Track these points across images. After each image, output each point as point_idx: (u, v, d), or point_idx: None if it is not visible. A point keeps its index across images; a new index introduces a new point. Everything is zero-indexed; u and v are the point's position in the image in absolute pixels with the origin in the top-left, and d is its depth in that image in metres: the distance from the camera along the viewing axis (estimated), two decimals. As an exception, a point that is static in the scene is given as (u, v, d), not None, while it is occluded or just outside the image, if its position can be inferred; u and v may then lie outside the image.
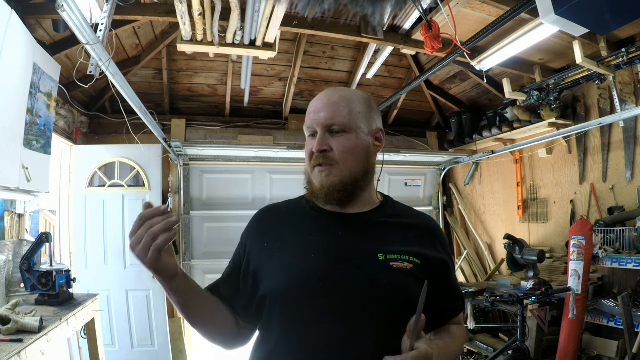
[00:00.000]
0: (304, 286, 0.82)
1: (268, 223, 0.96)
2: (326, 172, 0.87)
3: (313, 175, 0.90)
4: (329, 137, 0.88)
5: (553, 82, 2.94)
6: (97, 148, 3.41)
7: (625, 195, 2.78)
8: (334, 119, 0.88)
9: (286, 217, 0.96)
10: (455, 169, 4.53)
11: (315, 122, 0.89)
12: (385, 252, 0.84)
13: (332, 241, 0.87)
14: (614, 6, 1.52)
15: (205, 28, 2.29)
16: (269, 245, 0.91)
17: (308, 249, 0.86)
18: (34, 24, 2.35)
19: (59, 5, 1.37)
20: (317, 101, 0.93)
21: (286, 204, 1.01)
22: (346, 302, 0.80)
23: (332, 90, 0.95)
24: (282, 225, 0.94)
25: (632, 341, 2.21)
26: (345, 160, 0.88)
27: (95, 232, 3.28)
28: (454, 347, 0.92)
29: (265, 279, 0.86)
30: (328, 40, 3.41)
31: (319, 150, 0.87)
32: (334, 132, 0.88)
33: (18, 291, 2.13)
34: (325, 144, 0.87)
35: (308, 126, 0.92)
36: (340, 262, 0.83)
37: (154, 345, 3.35)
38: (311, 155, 0.90)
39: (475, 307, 3.28)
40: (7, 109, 1.95)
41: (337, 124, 0.88)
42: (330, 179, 0.87)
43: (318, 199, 0.89)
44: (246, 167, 3.69)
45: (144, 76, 3.60)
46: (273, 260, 0.87)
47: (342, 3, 1.93)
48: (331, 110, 0.89)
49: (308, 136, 0.93)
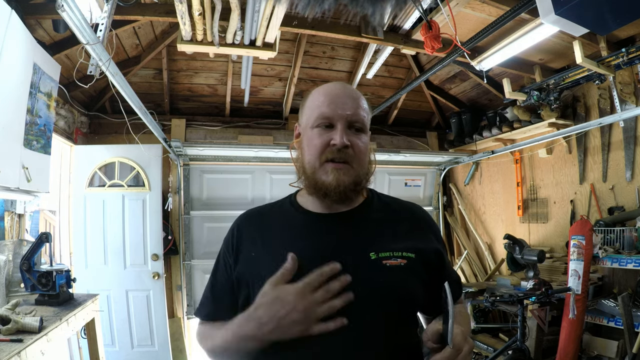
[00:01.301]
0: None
1: (254, 230, 0.91)
2: (344, 170, 0.82)
3: (322, 170, 0.83)
4: (349, 133, 0.83)
5: (553, 82, 2.94)
6: (97, 148, 3.41)
7: (625, 195, 2.78)
8: (358, 115, 0.84)
9: (272, 222, 0.91)
10: (455, 169, 4.53)
11: (338, 115, 0.83)
12: (377, 251, 0.81)
13: (323, 245, 0.83)
14: (614, 6, 1.52)
15: (205, 28, 2.29)
16: (257, 253, 0.86)
17: (297, 255, 0.80)
18: (34, 24, 2.35)
19: (59, 5, 1.37)
20: (335, 92, 0.86)
21: (269, 208, 0.96)
22: (343, 308, 0.75)
23: (343, 84, 0.90)
24: (268, 231, 0.89)
25: (632, 341, 2.21)
26: (360, 160, 0.85)
27: (95, 232, 3.28)
28: (465, 323, 0.93)
29: (256, 289, 0.80)
30: (328, 40, 3.41)
31: (344, 145, 0.81)
32: (355, 128, 0.84)
33: (18, 291, 2.13)
34: (347, 139, 0.82)
35: (326, 116, 0.84)
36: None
37: (154, 345, 3.36)
38: (324, 148, 0.83)
39: (475, 307, 3.28)
40: (7, 109, 1.95)
41: (359, 122, 0.85)
42: (347, 177, 0.82)
43: (327, 196, 0.83)
44: (246, 167, 3.69)
45: (144, 76, 3.60)
46: (263, 268, 0.82)
47: (342, 3, 1.93)
48: (355, 105, 0.85)
49: (317, 127, 0.85)
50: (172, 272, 3.72)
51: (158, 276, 3.35)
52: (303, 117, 0.91)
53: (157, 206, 3.40)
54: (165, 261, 3.47)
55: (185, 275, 3.59)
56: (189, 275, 3.60)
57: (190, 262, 3.60)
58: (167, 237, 3.59)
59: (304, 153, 0.88)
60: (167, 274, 3.58)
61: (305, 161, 0.87)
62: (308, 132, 0.87)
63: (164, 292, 3.39)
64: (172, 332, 3.51)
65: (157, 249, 3.36)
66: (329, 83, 0.91)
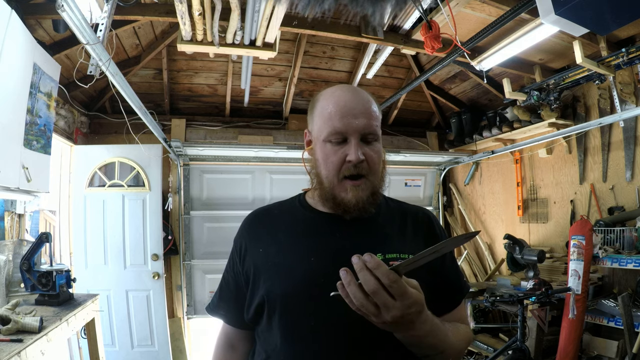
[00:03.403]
0: (305, 292, 0.80)
1: (261, 228, 0.92)
2: (362, 187, 0.81)
3: (341, 187, 0.82)
4: (363, 145, 0.81)
5: (553, 82, 2.94)
6: (97, 148, 3.41)
7: (625, 195, 2.78)
8: (371, 127, 0.82)
9: (280, 221, 0.92)
10: (455, 169, 4.53)
11: (351, 129, 0.80)
12: (384, 252, 0.81)
13: (330, 244, 0.84)
14: (614, 6, 1.52)
15: (205, 28, 2.29)
16: (265, 250, 0.87)
17: (307, 253, 0.82)
18: (34, 24, 2.35)
19: (59, 5, 1.37)
20: (346, 102, 0.82)
21: (278, 207, 0.96)
22: (349, 307, 0.75)
23: (354, 90, 0.86)
24: (276, 229, 0.90)
25: (632, 341, 2.21)
26: (376, 171, 0.84)
27: (95, 232, 3.28)
28: (456, 336, 0.81)
29: (264, 286, 0.82)
30: (328, 40, 3.41)
31: (360, 161, 0.80)
32: (367, 141, 0.82)
33: (18, 291, 2.13)
34: (362, 152, 0.80)
35: (339, 131, 0.81)
36: (340, 266, 0.79)
37: (154, 345, 3.36)
38: (341, 165, 0.81)
39: (475, 307, 3.28)
40: (7, 109, 1.95)
41: (373, 133, 0.82)
42: (364, 192, 0.82)
43: (347, 212, 0.83)
44: (246, 167, 3.69)
45: (144, 76, 3.60)
46: (271, 265, 0.83)
47: (342, 3, 1.93)
48: (368, 115, 0.82)
49: (330, 141, 0.82)
50: (172, 272, 3.72)
51: (158, 276, 3.35)
52: (314, 126, 0.88)
53: (157, 206, 3.40)
54: (165, 261, 3.47)
55: (185, 275, 3.59)
56: (189, 275, 3.61)
57: (190, 262, 3.60)
58: (167, 237, 3.59)
59: (319, 165, 0.86)
60: (167, 274, 3.58)
61: (322, 175, 0.85)
62: (321, 145, 0.85)
63: (164, 292, 3.39)
64: (172, 332, 3.51)
65: (157, 249, 3.36)
66: (338, 87, 0.87)
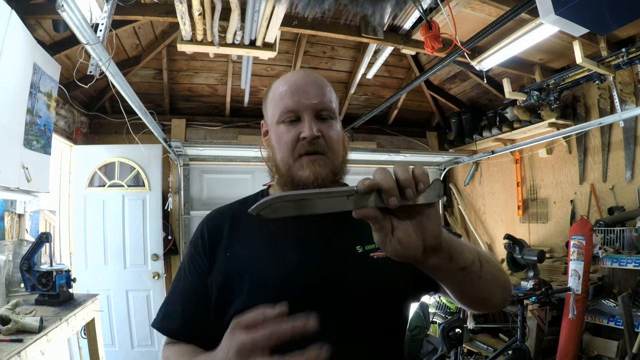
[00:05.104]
0: (286, 297, 0.65)
1: (227, 228, 0.83)
2: (319, 162, 0.78)
3: (297, 166, 0.79)
4: (318, 122, 0.79)
5: (553, 82, 2.94)
6: (97, 148, 3.41)
7: (625, 195, 2.78)
8: (324, 103, 0.80)
9: (246, 220, 0.82)
10: (455, 169, 4.53)
11: (303, 105, 0.78)
12: (363, 244, 0.77)
13: (306, 243, 0.78)
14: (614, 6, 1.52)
15: (205, 28, 2.29)
16: (233, 253, 0.79)
17: (282, 255, 0.76)
18: (34, 24, 2.35)
19: (59, 5, 1.37)
20: (296, 80, 0.81)
21: (241, 205, 0.88)
22: (334, 308, 0.71)
23: (305, 71, 0.84)
24: (244, 230, 0.82)
25: (632, 341, 2.21)
26: (334, 149, 0.80)
27: (95, 232, 3.28)
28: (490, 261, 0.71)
29: (239, 294, 0.73)
30: (328, 40, 3.41)
31: (315, 137, 0.77)
32: (322, 117, 0.80)
33: (18, 291, 2.13)
34: (317, 129, 0.77)
35: (291, 109, 0.79)
36: (320, 265, 0.75)
37: (153, 345, 3.35)
38: (295, 143, 0.78)
39: (475, 307, 3.27)
40: (7, 109, 1.95)
41: (327, 109, 0.80)
42: (323, 169, 0.78)
43: None
44: (246, 167, 3.69)
45: (144, 76, 3.60)
46: (243, 271, 0.75)
47: (342, 3, 1.93)
48: (320, 92, 0.80)
49: (283, 122, 0.80)
50: (172, 272, 3.71)
51: (158, 276, 3.35)
52: (268, 113, 0.86)
53: (157, 206, 3.40)
54: (165, 261, 3.47)
55: (185, 275, 3.58)
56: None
57: (190, 262, 3.59)
58: (167, 237, 3.59)
59: (274, 151, 0.83)
60: (167, 274, 3.58)
61: (277, 159, 0.82)
62: (275, 128, 0.82)
63: (164, 292, 3.38)
64: (172, 332, 3.51)
65: (157, 249, 3.36)
66: (291, 72, 0.85)
